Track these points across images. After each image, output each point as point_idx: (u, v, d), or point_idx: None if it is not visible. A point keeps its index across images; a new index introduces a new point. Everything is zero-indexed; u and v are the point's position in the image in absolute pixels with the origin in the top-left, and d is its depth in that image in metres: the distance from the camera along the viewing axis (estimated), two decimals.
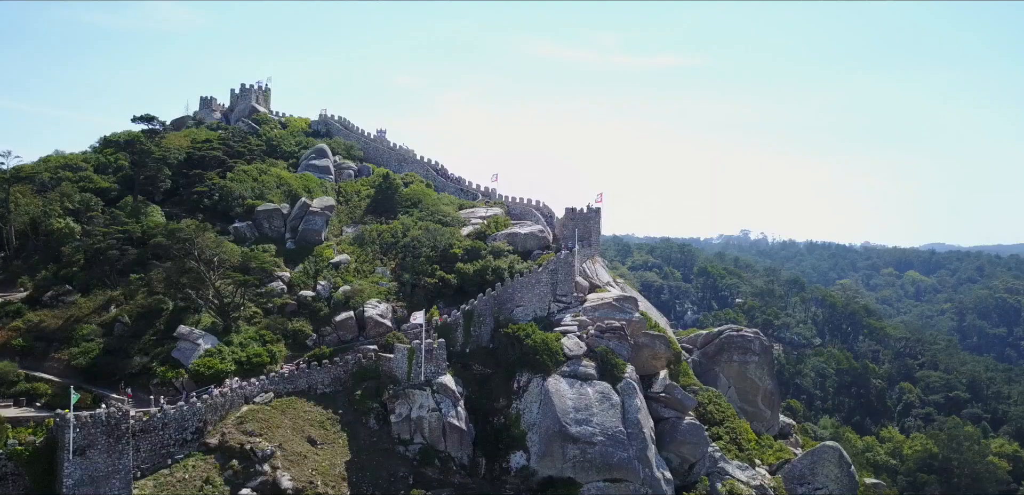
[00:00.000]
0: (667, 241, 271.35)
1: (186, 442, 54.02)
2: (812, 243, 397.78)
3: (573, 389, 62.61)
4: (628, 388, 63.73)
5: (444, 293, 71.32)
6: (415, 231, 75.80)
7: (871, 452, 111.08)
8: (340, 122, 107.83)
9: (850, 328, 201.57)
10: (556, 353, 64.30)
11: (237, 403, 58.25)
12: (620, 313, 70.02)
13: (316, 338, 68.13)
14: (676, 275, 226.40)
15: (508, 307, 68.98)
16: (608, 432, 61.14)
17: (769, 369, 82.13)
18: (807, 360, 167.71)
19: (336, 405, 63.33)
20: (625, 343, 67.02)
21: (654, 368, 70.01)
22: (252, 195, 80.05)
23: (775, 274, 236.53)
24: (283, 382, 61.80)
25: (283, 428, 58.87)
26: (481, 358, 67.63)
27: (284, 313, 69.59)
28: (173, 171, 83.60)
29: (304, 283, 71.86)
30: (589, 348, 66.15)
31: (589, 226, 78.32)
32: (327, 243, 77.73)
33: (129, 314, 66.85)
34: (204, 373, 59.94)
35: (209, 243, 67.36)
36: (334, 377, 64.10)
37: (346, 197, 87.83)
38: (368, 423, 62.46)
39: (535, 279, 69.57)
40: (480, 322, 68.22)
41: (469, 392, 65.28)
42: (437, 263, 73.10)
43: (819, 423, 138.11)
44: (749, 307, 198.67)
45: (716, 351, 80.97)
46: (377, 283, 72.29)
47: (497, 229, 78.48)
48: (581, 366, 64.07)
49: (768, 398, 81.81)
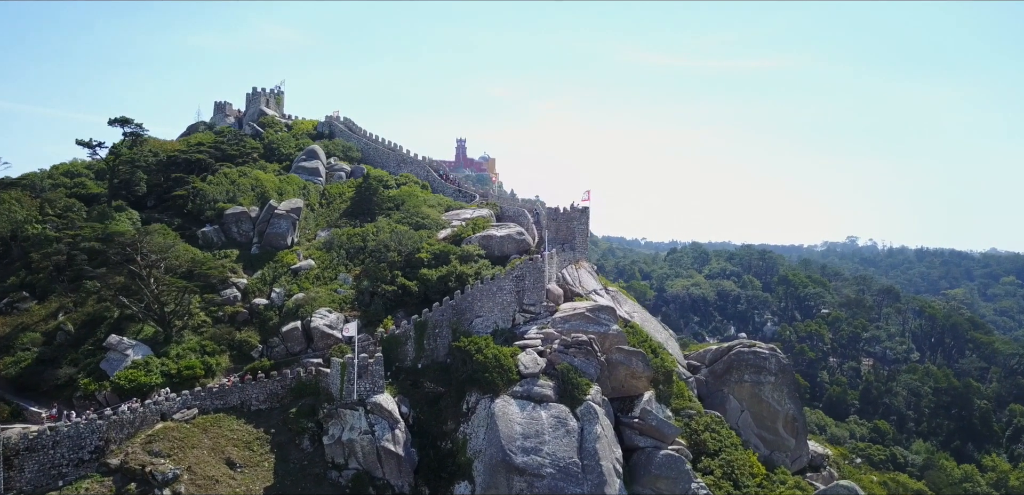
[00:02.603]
0: (747, 248, 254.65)
1: (83, 462, 49.82)
2: (924, 250, 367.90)
3: (524, 412, 54.78)
4: (588, 412, 55.27)
5: (405, 302, 65.04)
6: (382, 234, 69.86)
7: (971, 482, 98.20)
8: (345, 123, 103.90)
9: (953, 342, 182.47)
10: (509, 370, 56.70)
11: (151, 420, 53.80)
12: (594, 325, 61.60)
13: (262, 350, 63.43)
14: (755, 284, 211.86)
15: (467, 317, 61.95)
16: (560, 463, 52.94)
17: (790, 391, 70.90)
18: (899, 377, 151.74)
19: (269, 423, 57.98)
20: (593, 360, 58.52)
21: (635, 389, 61.00)
22: (225, 198, 76.55)
23: (866, 283, 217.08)
24: (211, 397, 57.02)
25: (200, 448, 53.99)
26: (434, 375, 60.84)
27: (235, 322, 65.34)
28: (155, 175, 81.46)
29: (259, 290, 67.34)
30: (550, 365, 58.14)
31: (572, 227, 70.11)
32: (293, 247, 73.07)
33: (75, 322, 64.28)
34: (125, 387, 56.07)
35: (154, 247, 63.81)
36: (270, 393, 58.85)
37: (329, 199, 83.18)
38: (301, 444, 56.83)
39: (497, 286, 62.15)
40: (435, 334, 61.44)
41: (417, 413, 58.75)
42: (401, 269, 66.93)
43: (911, 447, 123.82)
44: (834, 318, 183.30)
45: (725, 370, 70.61)
46: (335, 290, 66.82)
47: (475, 231, 71.45)
48: (536, 386, 56.14)
49: (790, 424, 70.65)
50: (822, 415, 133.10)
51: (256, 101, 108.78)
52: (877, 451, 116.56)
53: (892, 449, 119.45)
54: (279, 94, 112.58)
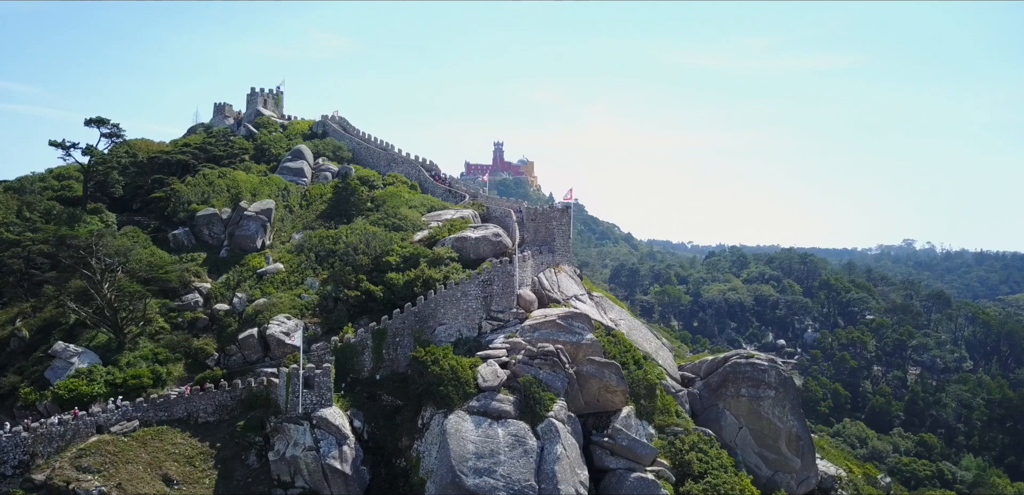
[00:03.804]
0: (788, 251, 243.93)
1: (5, 478, 47.14)
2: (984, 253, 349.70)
3: (479, 429, 50.16)
4: (550, 430, 50.32)
5: (370, 308, 61.03)
6: (351, 236, 66.03)
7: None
8: (339, 123, 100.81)
9: (1009, 351, 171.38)
10: (466, 383, 52.18)
11: (84, 433, 50.82)
12: (566, 334, 56.56)
13: (218, 358, 60.23)
14: (795, 289, 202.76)
15: (430, 325, 57.64)
16: (514, 486, 48.15)
17: (793, 406, 64.51)
18: (948, 387, 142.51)
19: (217, 437, 54.63)
20: (560, 372, 53.54)
21: (610, 404, 55.76)
22: (199, 200, 73.84)
23: (914, 287, 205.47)
24: (155, 409, 53.80)
25: (135, 464, 50.78)
26: (393, 387, 56.72)
27: (195, 329, 62.34)
28: (136, 178, 79.38)
29: (222, 295, 64.22)
30: (513, 377, 53.35)
31: (552, 228, 65.11)
32: (263, 250, 69.79)
33: (32, 328, 62.10)
34: (64, 396, 53.30)
35: (111, 250, 61.21)
36: (219, 404, 55.40)
37: (309, 200, 79.83)
38: (247, 460, 53.16)
39: (461, 292, 57.66)
40: (396, 343, 57.30)
41: (373, 428, 54.78)
42: (370, 273, 62.96)
43: (960, 462, 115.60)
44: (878, 325, 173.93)
45: (720, 383, 64.59)
46: (300, 296, 63.21)
47: (451, 233, 67.05)
48: (494, 401, 51.46)
49: (794, 443, 64.25)
50: (863, 427, 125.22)
51: (254, 102, 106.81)
52: (923, 466, 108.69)
53: (939, 464, 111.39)
54: (278, 94, 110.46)
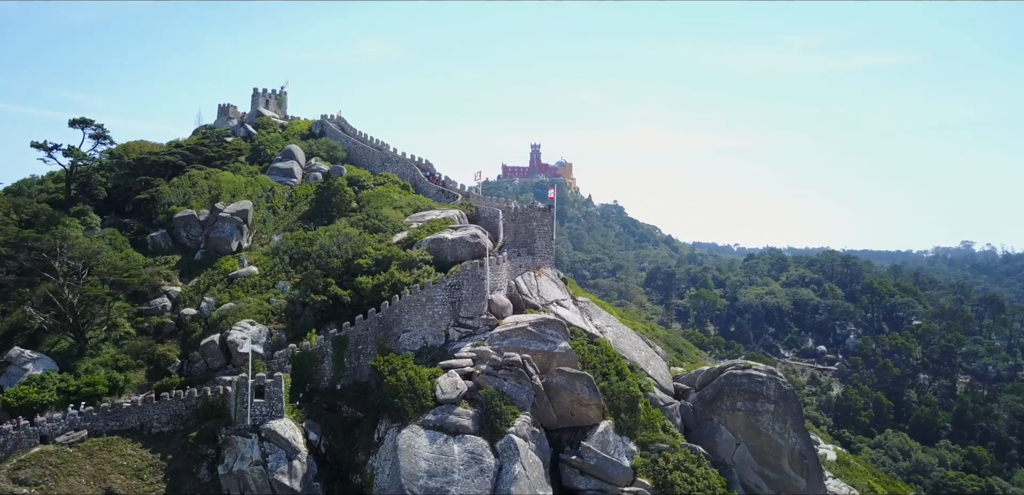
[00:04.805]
0: (830, 253, 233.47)
1: None
2: None
3: (433, 445, 46.49)
4: (509, 447, 46.26)
5: (338, 313, 57.83)
6: (324, 238, 63.02)
7: None
8: (337, 123, 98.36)
9: None
10: (423, 396, 48.56)
11: (27, 443, 48.80)
12: (537, 342, 52.46)
13: (180, 365, 57.84)
14: (837, 293, 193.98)
15: (395, 332, 54.17)
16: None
17: (795, 421, 58.96)
18: (1000, 397, 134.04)
19: (170, 448, 52.23)
20: (526, 384, 49.45)
21: (585, 418, 51.40)
22: (180, 201, 71.90)
23: (965, 291, 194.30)
24: (106, 418, 51.62)
25: (79, 476, 48.58)
26: (354, 398, 53.51)
27: (161, 334, 60.15)
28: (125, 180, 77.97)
29: (191, 299, 61.92)
30: (476, 388, 49.48)
31: (532, 228, 60.90)
32: (238, 253, 67.38)
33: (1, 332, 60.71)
34: (13, 404, 51.42)
35: (76, 253, 59.43)
36: (174, 414, 52.94)
37: (294, 201, 77.21)
38: (198, 473, 50.56)
39: (426, 297, 54.05)
40: (359, 351, 54.05)
41: (331, 441, 51.59)
42: (340, 276, 59.83)
43: (1013, 478, 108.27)
44: (924, 331, 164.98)
45: (714, 395, 59.44)
46: (268, 300, 60.45)
47: (431, 233, 63.48)
48: (452, 415, 47.70)
49: (798, 461, 58.72)
50: (907, 439, 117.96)
51: (256, 103, 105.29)
52: (970, 481, 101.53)
53: (990, 479, 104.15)
54: (281, 95, 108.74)
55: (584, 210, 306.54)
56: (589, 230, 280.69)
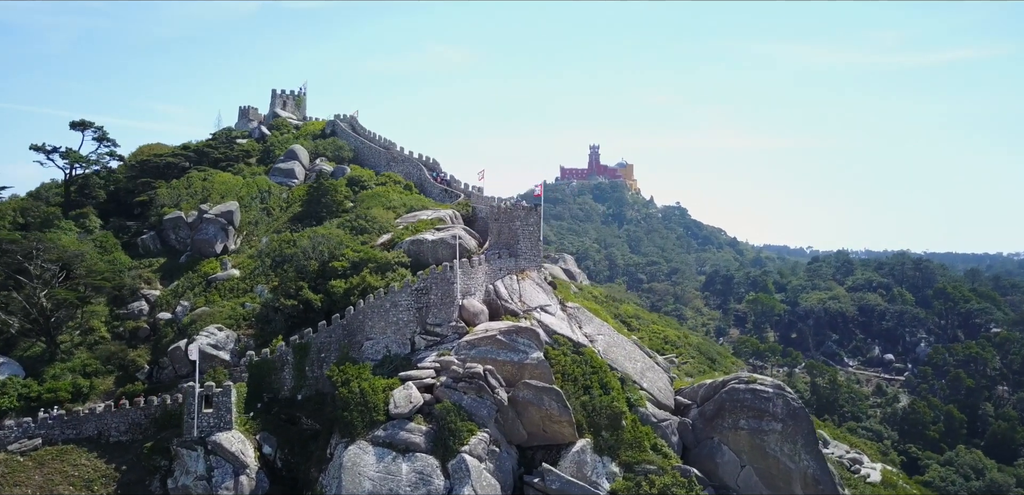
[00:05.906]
0: (900, 255, 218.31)
1: None
2: None
3: (380, 464, 42.65)
4: (460, 468, 41.89)
5: (310, 318, 54.67)
6: (302, 240, 60.06)
7: None
8: (348, 122, 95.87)
9: None
10: (374, 409, 44.76)
11: None
12: (507, 352, 48.01)
13: (150, 370, 55.85)
14: (907, 298, 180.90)
15: (358, 340, 50.55)
16: None
17: (807, 442, 52.45)
18: None
19: (125, 459, 50.05)
20: (487, 398, 44.96)
21: (559, 436, 46.58)
22: (172, 203, 70.46)
23: None
24: (62, 426, 49.85)
25: (25, 486, 46.86)
26: (315, 409, 50.11)
27: (135, 339, 58.40)
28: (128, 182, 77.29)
29: (168, 303, 59.97)
30: (434, 401, 45.34)
31: (515, 228, 56.26)
32: (222, 255, 65.20)
33: None
34: None
35: (53, 255, 58.23)
36: (133, 423, 50.81)
37: (289, 202, 74.81)
38: (152, 486, 48.18)
39: (390, 303, 50.20)
40: (321, 359, 50.68)
41: (287, 455, 48.40)
42: (314, 279, 56.71)
43: None
44: (1003, 339, 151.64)
45: (715, 412, 53.48)
46: (242, 304, 57.87)
47: (413, 234, 59.71)
48: (403, 431, 43.73)
49: (812, 487, 52.16)
50: (981, 456, 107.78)
51: (273, 104, 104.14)
52: None
53: None
54: (300, 96, 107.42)
55: (644, 212, 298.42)
56: (648, 233, 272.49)
